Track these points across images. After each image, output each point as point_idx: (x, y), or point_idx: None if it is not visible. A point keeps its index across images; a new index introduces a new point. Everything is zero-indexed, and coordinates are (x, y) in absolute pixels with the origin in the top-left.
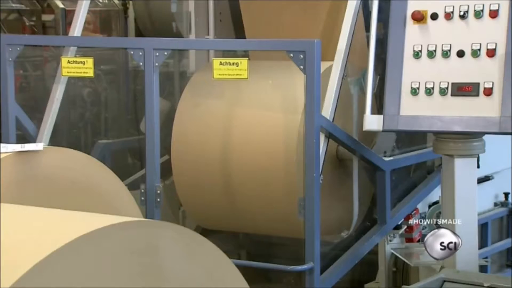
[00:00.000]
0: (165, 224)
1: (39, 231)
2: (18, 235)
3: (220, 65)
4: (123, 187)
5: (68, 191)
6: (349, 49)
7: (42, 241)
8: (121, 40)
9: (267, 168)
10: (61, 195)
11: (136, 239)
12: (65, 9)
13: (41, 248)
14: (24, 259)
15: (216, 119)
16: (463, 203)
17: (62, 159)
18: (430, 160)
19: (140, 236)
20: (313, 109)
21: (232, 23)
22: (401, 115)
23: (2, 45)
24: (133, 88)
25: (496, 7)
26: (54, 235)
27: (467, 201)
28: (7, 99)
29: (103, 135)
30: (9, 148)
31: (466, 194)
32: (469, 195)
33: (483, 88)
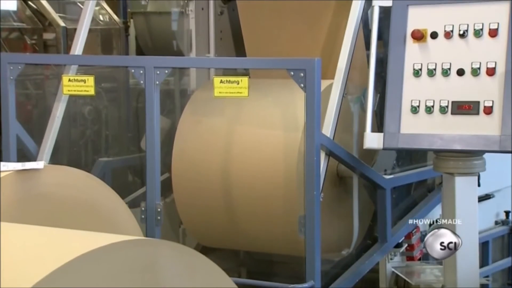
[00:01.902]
0: (165, 242)
1: (39, 250)
2: (18, 254)
3: (221, 83)
4: (124, 205)
5: (69, 209)
6: (349, 67)
7: (43, 260)
8: (122, 59)
9: (267, 186)
10: (61, 213)
11: (136, 257)
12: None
13: (42, 267)
14: (25, 278)
15: (216, 137)
16: (464, 221)
17: (63, 177)
18: (431, 178)
19: (140, 255)
20: (313, 127)
21: (233, 41)
22: (401, 133)
23: (3, 64)
24: (134, 106)
25: (496, 26)
26: (54, 254)
27: (468, 219)
28: (8, 117)
29: (103, 153)
30: (9, 167)
31: (466, 212)
32: (470, 213)
33: (483, 106)
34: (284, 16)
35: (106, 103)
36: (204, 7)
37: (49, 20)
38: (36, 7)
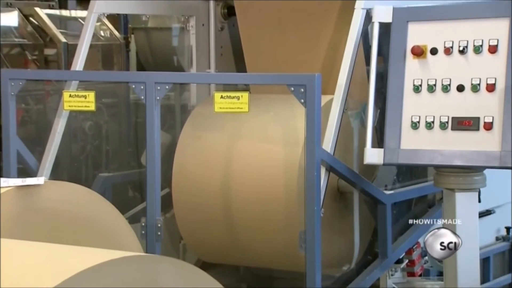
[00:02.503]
0: (165, 258)
1: (40, 267)
2: (18, 271)
3: (221, 99)
4: (124, 220)
5: (69, 225)
6: (349, 83)
7: (42, 276)
8: (123, 74)
9: (267, 201)
10: (61, 229)
11: (137, 274)
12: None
13: (41, 284)
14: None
15: (217, 153)
16: (465, 237)
17: (63, 193)
18: (431, 194)
19: (140, 271)
20: (313, 142)
21: (233, 57)
22: (401, 148)
23: (4, 80)
24: (134, 121)
25: (496, 42)
26: (54, 270)
27: (469, 235)
28: (8, 133)
29: (104, 168)
30: (10, 183)
31: (467, 228)
32: (470, 229)
33: (483, 122)
34: (284, 32)
35: (106, 118)
36: (205, 23)
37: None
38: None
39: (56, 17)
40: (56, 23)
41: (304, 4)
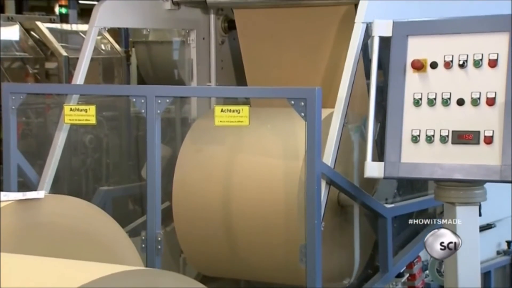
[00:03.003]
0: (165, 272)
1: (39, 281)
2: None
3: (222, 112)
4: (124, 234)
5: (69, 239)
6: (349, 96)
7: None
8: (124, 88)
9: (268, 215)
10: (62, 243)
11: None
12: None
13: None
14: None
15: (217, 166)
16: (466, 251)
17: (63, 207)
18: (432, 207)
19: (140, 285)
20: (314, 156)
21: (234, 70)
22: (402, 162)
23: (5, 93)
24: (135, 134)
25: (495, 56)
26: (54, 284)
27: (470, 249)
28: (9, 147)
29: (104, 181)
30: (10, 197)
31: (468, 242)
32: (471, 243)
33: (484, 136)
34: (284, 46)
35: (107, 131)
36: (205, 37)
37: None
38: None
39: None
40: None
41: (304, 17)
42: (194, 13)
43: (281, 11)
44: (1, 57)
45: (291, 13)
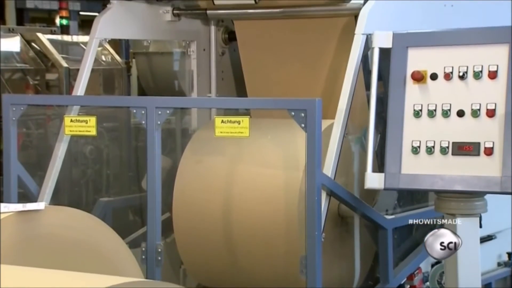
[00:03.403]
0: (165, 284)
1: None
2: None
3: (222, 123)
4: (124, 245)
5: (69, 250)
6: (349, 107)
7: None
8: (124, 99)
9: (268, 226)
10: (62, 254)
11: None
12: (68, 68)
13: None
14: None
15: (217, 177)
16: (466, 262)
17: (63, 218)
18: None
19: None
20: (314, 167)
21: (234, 81)
22: (402, 173)
23: (5, 105)
24: (135, 145)
25: (495, 68)
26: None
27: (470, 261)
28: (9, 158)
29: (104, 192)
30: (10, 208)
31: (468, 253)
32: (471, 255)
33: (484, 147)
34: (285, 57)
35: (107, 142)
36: (206, 48)
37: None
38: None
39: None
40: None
41: (305, 29)
42: (194, 24)
43: (281, 23)
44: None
45: (291, 25)
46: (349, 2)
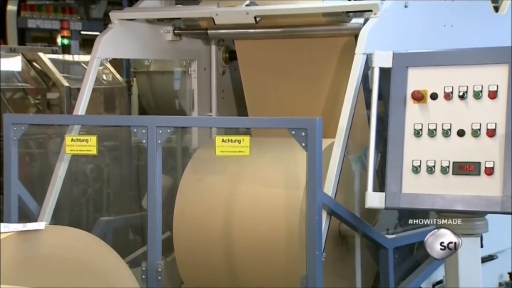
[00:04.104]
0: None
1: None
2: None
3: (223, 142)
4: (124, 265)
5: (70, 270)
6: (350, 127)
7: None
8: (125, 118)
9: (269, 246)
10: (62, 274)
11: None
12: (70, 87)
13: None
14: None
15: (218, 196)
16: (467, 282)
17: (63, 238)
18: None
19: None
20: (314, 186)
21: (235, 100)
22: (403, 192)
23: (6, 124)
24: (136, 164)
25: (495, 88)
26: None
27: (471, 281)
28: (10, 178)
29: (105, 211)
30: (10, 228)
31: (470, 273)
32: (473, 275)
33: (484, 167)
34: (285, 76)
35: (108, 161)
36: (206, 67)
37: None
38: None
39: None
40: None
41: (305, 48)
42: (195, 44)
43: (282, 42)
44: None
45: (291, 44)
46: (349, 22)
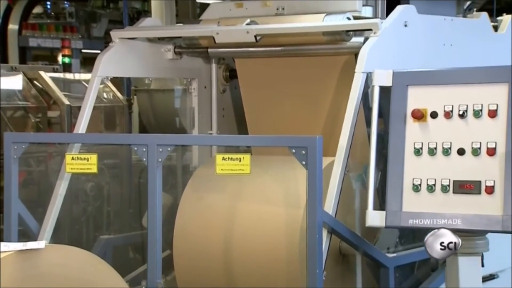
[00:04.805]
0: None
1: None
2: None
3: (223, 161)
4: (124, 284)
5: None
6: (350, 145)
7: None
8: (125, 137)
9: (269, 264)
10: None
11: None
12: (70, 105)
13: None
14: None
15: (218, 214)
16: None
17: (63, 257)
18: None
19: None
20: (315, 204)
21: (235, 118)
22: (403, 211)
23: (7, 143)
24: (136, 182)
25: (495, 107)
26: None
27: None
28: (10, 196)
29: (105, 230)
30: (10, 247)
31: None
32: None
33: (485, 186)
34: (285, 94)
35: (108, 179)
36: (207, 86)
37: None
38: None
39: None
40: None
41: (305, 67)
42: (196, 62)
43: (282, 60)
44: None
45: (291, 62)
46: (349, 40)
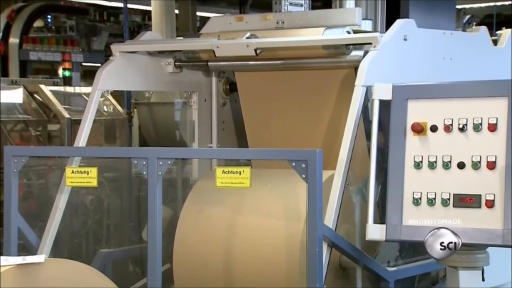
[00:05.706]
0: None
1: None
2: None
3: (223, 174)
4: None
5: None
6: (350, 158)
7: None
8: (125, 150)
9: (269, 278)
10: None
11: None
12: (71, 119)
13: None
14: None
15: (218, 228)
16: None
17: (63, 271)
18: (435, 271)
19: None
20: (315, 218)
21: (235, 131)
22: (403, 225)
23: (7, 157)
24: (136, 195)
25: (495, 121)
26: None
27: None
28: (10, 210)
29: (105, 243)
30: (10, 261)
31: None
32: None
33: (485, 200)
34: (285, 108)
35: (108, 192)
36: (207, 99)
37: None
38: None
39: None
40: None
41: (305, 80)
42: (196, 75)
43: (282, 74)
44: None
45: (291, 76)
46: (349, 54)
